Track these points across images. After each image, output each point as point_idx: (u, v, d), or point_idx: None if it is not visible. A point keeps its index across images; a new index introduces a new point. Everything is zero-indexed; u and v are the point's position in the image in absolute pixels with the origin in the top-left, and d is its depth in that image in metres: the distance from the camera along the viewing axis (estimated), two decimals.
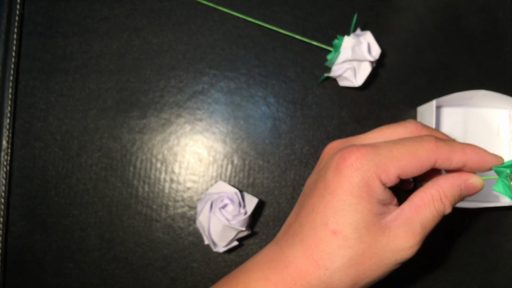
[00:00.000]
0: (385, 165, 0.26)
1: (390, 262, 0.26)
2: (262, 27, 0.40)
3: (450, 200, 0.27)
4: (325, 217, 0.26)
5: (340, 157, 0.26)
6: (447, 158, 0.26)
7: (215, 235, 0.34)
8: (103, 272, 0.38)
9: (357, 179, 0.26)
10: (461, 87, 0.39)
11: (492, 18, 0.40)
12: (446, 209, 0.27)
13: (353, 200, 0.26)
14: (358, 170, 0.26)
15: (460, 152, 0.26)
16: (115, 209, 0.38)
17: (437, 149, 0.26)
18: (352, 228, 0.26)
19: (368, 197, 0.26)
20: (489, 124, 0.38)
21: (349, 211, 0.26)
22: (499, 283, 0.38)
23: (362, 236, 0.26)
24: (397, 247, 0.26)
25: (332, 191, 0.26)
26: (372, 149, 0.26)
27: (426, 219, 0.26)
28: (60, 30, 0.40)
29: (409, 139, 0.27)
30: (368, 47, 0.36)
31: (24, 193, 0.39)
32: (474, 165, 0.27)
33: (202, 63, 0.40)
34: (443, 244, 0.38)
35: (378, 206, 0.26)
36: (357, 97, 0.39)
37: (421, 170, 0.26)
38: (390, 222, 0.26)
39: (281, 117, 0.39)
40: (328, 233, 0.26)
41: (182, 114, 0.39)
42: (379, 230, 0.26)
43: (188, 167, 0.39)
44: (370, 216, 0.26)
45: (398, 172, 0.26)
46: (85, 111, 0.39)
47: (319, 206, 0.27)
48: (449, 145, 0.26)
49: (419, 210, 0.26)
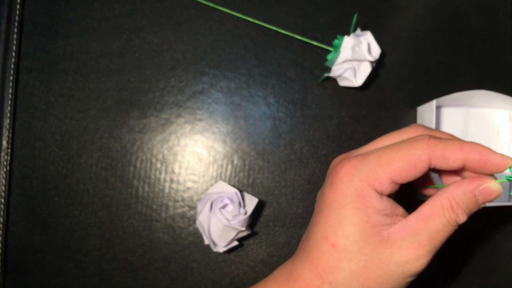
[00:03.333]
0: (376, 173, 0.25)
1: (396, 275, 0.25)
2: (262, 27, 0.40)
3: (463, 208, 0.25)
4: (325, 231, 0.26)
5: (334, 171, 0.27)
6: (442, 157, 0.25)
7: (215, 235, 0.34)
8: (103, 272, 0.38)
9: (349, 191, 0.26)
10: (461, 87, 0.39)
11: (492, 18, 0.40)
12: (459, 219, 0.25)
13: (348, 212, 0.26)
14: (349, 182, 0.26)
15: (457, 149, 0.25)
16: (115, 209, 0.38)
17: (429, 148, 0.25)
18: (350, 240, 0.25)
19: (364, 208, 0.25)
20: (489, 124, 0.38)
21: (346, 223, 0.26)
22: (499, 283, 0.38)
23: (362, 248, 0.25)
24: (402, 259, 0.25)
25: (328, 205, 0.26)
26: (361, 158, 0.26)
27: (435, 230, 0.25)
28: (60, 30, 0.40)
29: (401, 142, 0.26)
30: (368, 47, 0.36)
31: (24, 193, 0.39)
32: (475, 165, 0.25)
33: (202, 63, 0.40)
34: (443, 244, 0.38)
35: (377, 217, 0.25)
36: (357, 97, 0.39)
37: (416, 172, 0.25)
38: (393, 233, 0.25)
39: (281, 117, 0.39)
40: (329, 246, 0.26)
41: (182, 114, 0.39)
42: (380, 241, 0.25)
43: (188, 167, 0.39)
44: (367, 227, 0.25)
45: (390, 177, 0.25)
46: (85, 111, 0.39)
47: (319, 221, 0.27)
48: (444, 143, 0.25)
49: (427, 220, 0.25)
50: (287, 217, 0.38)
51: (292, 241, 0.38)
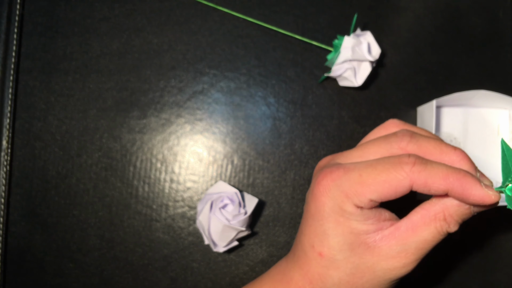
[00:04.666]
0: (355, 190, 0.25)
1: (383, 280, 0.26)
2: (262, 27, 0.40)
3: (456, 220, 0.25)
4: (311, 240, 0.27)
5: (316, 180, 0.27)
6: (424, 184, 0.24)
7: (215, 235, 0.34)
8: (103, 272, 0.38)
9: (330, 204, 0.26)
10: (461, 87, 0.39)
11: (492, 18, 0.40)
12: (450, 228, 0.25)
13: (330, 225, 0.26)
14: (329, 196, 0.26)
15: (440, 179, 0.23)
16: (115, 209, 0.38)
17: (412, 174, 0.24)
18: (336, 250, 0.26)
19: (346, 221, 0.25)
20: (489, 124, 0.38)
21: (330, 234, 0.26)
22: (499, 283, 0.38)
23: (348, 257, 0.26)
24: (388, 267, 0.25)
25: (312, 215, 0.27)
26: (343, 173, 0.25)
27: (424, 241, 0.25)
28: (60, 30, 0.40)
29: (384, 161, 0.25)
30: (368, 47, 0.36)
31: (24, 193, 0.39)
32: (457, 196, 0.24)
33: (202, 63, 0.40)
34: (443, 244, 0.38)
35: (360, 226, 0.25)
36: (357, 97, 0.39)
37: (396, 194, 0.24)
38: (380, 240, 0.25)
39: (281, 117, 0.39)
40: (316, 255, 0.26)
41: (182, 114, 0.39)
42: (366, 249, 0.25)
43: (188, 167, 0.39)
44: (352, 237, 0.25)
45: (369, 197, 0.25)
46: (85, 111, 0.39)
47: (305, 229, 0.27)
48: (428, 170, 0.24)
49: (416, 230, 0.25)
50: (287, 217, 0.38)
51: (292, 241, 0.38)
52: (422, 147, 0.26)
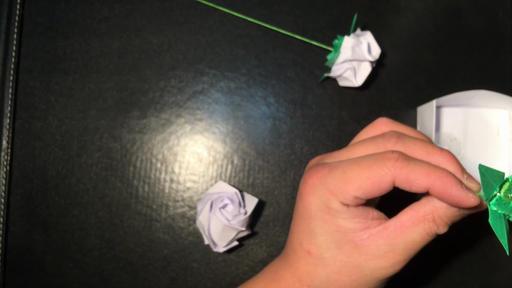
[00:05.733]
0: (340, 188, 0.25)
1: (371, 280, 0.26)
2: (262, 27, 0.40)
3: (446, 221, 0.25)
4: (300, 239, 0.27)
5: (303, 179, 0.27)
6: (405, 180, 0.24)
7: (215, 235, 0.34)
8: (103, 272, 0.38)
9: (316, 203, 0.26)
10: (461, 87, 0.39)
11: (492, 18, 0.40)
12: (439, 230, 0.25)
13: (317, 223, 0.26)
14: (315, 195, 0.26)
15: (422, 176, 0.24)
16: (115, 209, 0.38)
17: (395, 169, 0.24)
18: (323, 248, 0.26)
19: (332, 219, 0.25)
20: (489, 124, 0.38)
21: (317, 233, 0.26)
22: (499, 283, 0.38)
23: (335, 255, 0.26)
24: (376, 266, 0.25)
25: (300, 214, 0.27)
26: (328, 171, 0.26)
27: (412, 241, 0.25)
28: (60, 30, 0.40)
29: (368, 158, 0.25)
30: (368, 47, 0.36)
31: (24, 193, 0.39)
32: (438, 195, 0.24)
33: (202, 63, 0.40)
34: (443, 244, 0.38)
35: (347, 224, 0.25)
36: (357, 97, 0.39)
37: (379, 191, 0.25)
38: (368, 239, 0.25)
39: (281, 117, 0.39)
40: (304, 253, 0.27)
41: (182, 114, 0.39)
42: (354, 248, 0.25)
43: (188, 167, 0.39)
44: (339, 235, 0.25)
45: (353, 194, 0.25)
46: (85, 111, 0.39)
47: (294, 228, 0.28)
48: (411, 167, 0.24)
49: (405, 230, 0.25)
50: (287, 217, 0.38)
51: None
52: (409, 148, 0.26)
